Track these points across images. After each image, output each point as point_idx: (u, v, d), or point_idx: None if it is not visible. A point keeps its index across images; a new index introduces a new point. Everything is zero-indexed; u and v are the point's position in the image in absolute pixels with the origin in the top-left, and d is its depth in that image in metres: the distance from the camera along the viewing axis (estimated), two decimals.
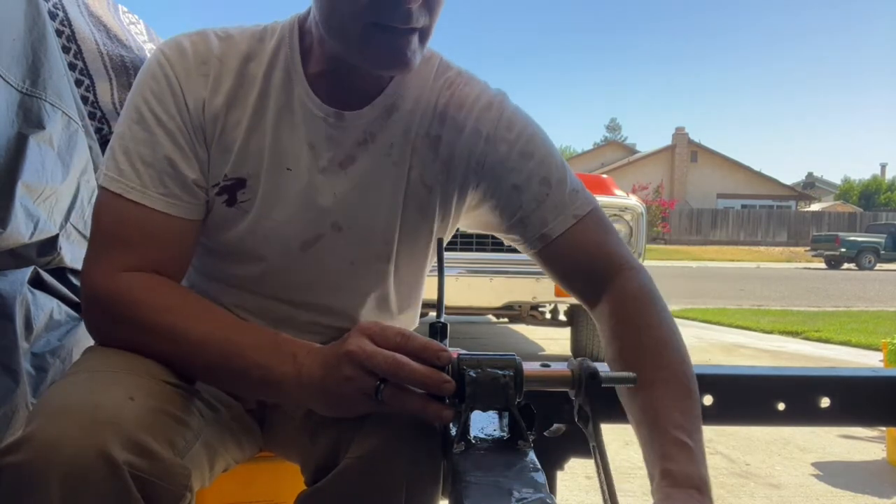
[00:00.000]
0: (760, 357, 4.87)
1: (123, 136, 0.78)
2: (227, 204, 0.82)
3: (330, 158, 0.83)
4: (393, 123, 0.84)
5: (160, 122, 0.78)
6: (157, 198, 0.77)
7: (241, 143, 0.81)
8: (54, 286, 1.04)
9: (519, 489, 0.54)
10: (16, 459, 0.57)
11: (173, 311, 0.73)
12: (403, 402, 0.63)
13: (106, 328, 0.76)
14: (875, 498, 2.17)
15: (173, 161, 0.78)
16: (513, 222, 0.87)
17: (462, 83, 0.88)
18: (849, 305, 9.17)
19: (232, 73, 0.81)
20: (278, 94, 0.82)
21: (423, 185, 0.86)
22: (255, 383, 0.71)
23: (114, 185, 0.77)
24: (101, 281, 0.75)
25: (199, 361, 0.72)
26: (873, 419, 0.86)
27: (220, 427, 0.78)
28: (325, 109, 0.82)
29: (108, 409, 0.61)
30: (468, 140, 0.86)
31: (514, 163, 0.85)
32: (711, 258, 24.78)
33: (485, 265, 3.58)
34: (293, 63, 0.83)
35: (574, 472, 2.29)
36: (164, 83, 0.79)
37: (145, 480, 0.59)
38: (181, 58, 0.80)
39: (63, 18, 1.26)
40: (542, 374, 0.65)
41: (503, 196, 0.86)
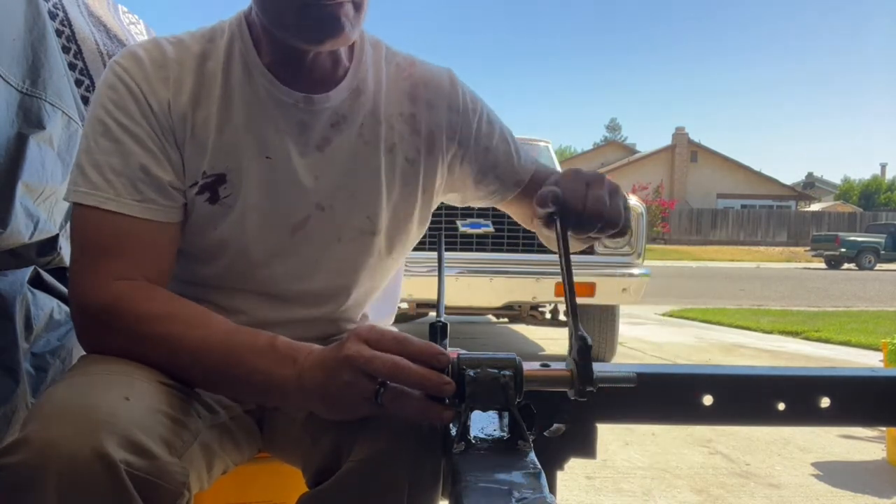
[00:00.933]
0: (760, 357, 4.87)
1: (90, 150, 0.78)
2: (210, 202, 0.83)
3: (306, 142, 0.86)
4: (360, 105, 0.89)
5: (126, 129, 0.78)
6: (133, 204, 0.77)
7: (215, 139, 0.82)
8: (54, 286, 1.04)
9: (519, 489, 0.54)
10: (12, 461, 0.57)
11: (167, 320, 0.72)
12: (403, 404, 0.63)
13: (99, 341, 0.75)
14: (875, 498, 2.17)
15: (145, 166, 0.78)
16: (491, 178, 1.01)
17: (410, 64, 0.96)
18: (849, 305, 9.17)
19: (191, 73, 0.83)
20: (242, 86, 0.84)
21: (406, 161, 0.92)
22: (256, 389, 0.70)
23: (88, 198, 0.76)
24: (89, 293, 0.74)
25: (197, 370, 0.72)
26: (873, 419, 0.86)
27: (219, 429, 0.78)
28: (294, 95, 0.85)
29: (104, 409, 0.61)
30: (441, 114, 0.94)
31: (483, 130, 0.99)
32: (711, 258, 24.78)
33: (485, 265, 3.58)
34: (248, 55, 0.85)
35: (574, 472, 2.29)
36: (124, 91, 0.79)
37: (142, 479, 0.59)
38: (138, 65, 0.81)
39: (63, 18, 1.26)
40: (542, 374, 0.65)
41: (478, 158, 0.99)
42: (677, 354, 4.89)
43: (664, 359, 4.72)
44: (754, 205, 37.31)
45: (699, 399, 0.79)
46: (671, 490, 2.19)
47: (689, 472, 2.37)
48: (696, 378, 0.79)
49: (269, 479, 0.96)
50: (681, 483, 2.25)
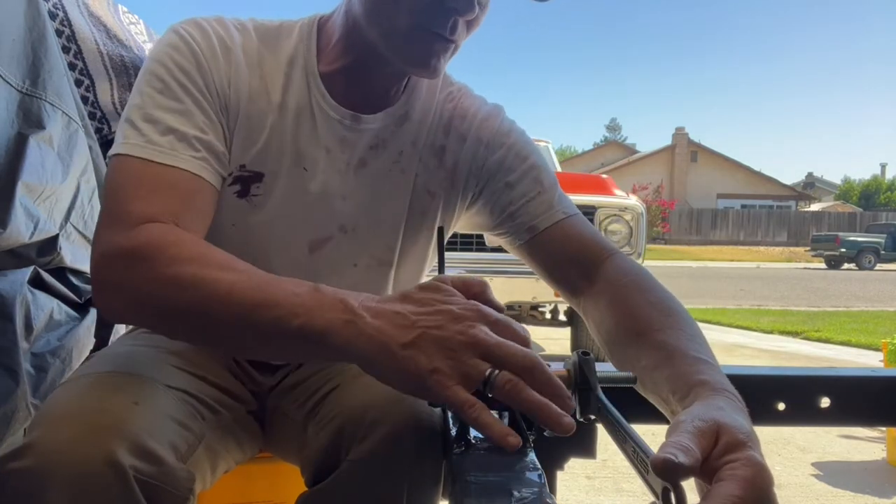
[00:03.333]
0: (760, 357, 4.87)
1: (144, 105, 0.74)
2: (239, 195, 0.81)
3: (345, 161, 0.84)
4: (403, 132, 0.87)
5: (188, 91, 0.75)
6: (187, 159, 0.73)
7: (266, 139, 0.81)
8: (54, 286, 1.04)
9: (519, 489, 0.54)
10: (20, 465, 0.56)
11: (199, 261, 0.63)
12: (520, 393, 0.53)
13: (119, 282, 0.65)
14: (875, 498, 2.17)
15: (204, 129, 0.76)
16: (503, 217, 0.89)
17: (462, 96, 0.93)
18: (849, 305, 9.17)
19: (254, 65, 0.82)
20: (300, 92, 0.83)
21: (427, 193, 0.89)
22: (295, 336, 0.58)
23: (138, 150, 0.71)
24: (115, 238, 0.66)
25: (228, 316, 0.61)
26: (873, 419, 0.86)
27: (222, 430, 0.78)
28: (342, 112, 0.83)
29: (113, 414, 0.60)
30: (470, 148, 0.90)
31: (509, 163, 0.90)
32: (711, 258, 24.78)
33: (485, 265, 3.58)
34: (310, 63, 0.83)
35: (574, 472, 2.29)
36: (188, 54, 0.77)
37: (150, 485, 0.59)
38: (204, 36, 0.79)
39: (63, 18, 1.26)
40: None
41: (496, 192, 0.90)
42: None
43: None
44: (754, 205, 37.31)
45: None
46: None
47: None
48: None
49: (269, 479, 0.96)
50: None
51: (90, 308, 1.13)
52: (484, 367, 0.53)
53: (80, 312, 1.10)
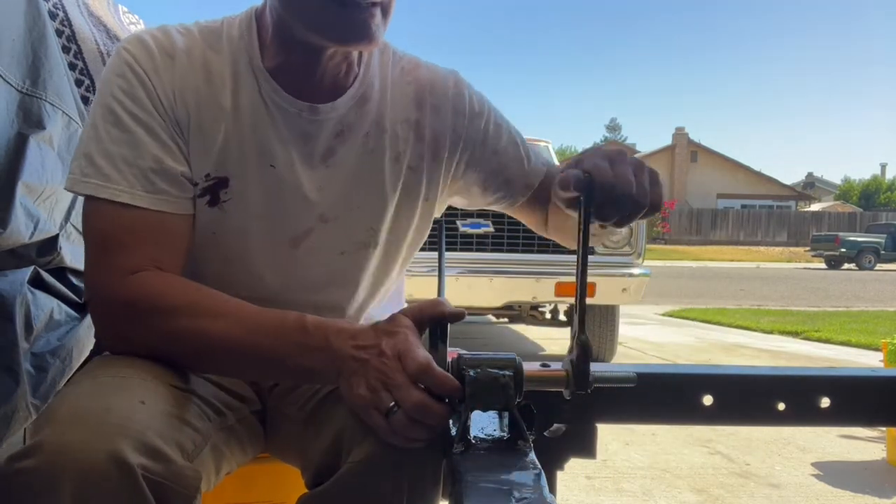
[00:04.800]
0: (760, 357, 4.87)
1: (100, 139, 0.76)
2: (210, 204, 0.81)
3: (310, 152, 0.84)
4: (366, 113, 0.86)
5: (137, 119, 0.76)
6: (146, 196, 0.76)
7: (222, 142, 0.80)
8: (54, 286, 1.04)
9: (519, 489, 0.54)
10: (27, 465, 0.56)
11: (191, 311, 0.71)
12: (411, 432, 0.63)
13: (121, 337, 0.74)
14: (875, 498, 2.17)
15: (158, 157, 0.77)
16: (499, 182, 0.98)
17: (417, 68, 0.93)
18: (849, 305, 9.17)
19: (200, 67, 0.81)
20: (250, 91, 0.82)
21: (408, 169, 0.89)
22: (289, 372, 0.71)
23: (101, 191, 0.74)
24: (107, 288, 0.73)
25: (225, 360, 0.71)
26: (873, 419, 0.86)
27: (227, 431, 0.78)
28: (298, 104, 0.82)
29: (120, 413, 0.60)
30: (448, 120, 0.92)
31: (490, 132, 0.96)
32: (711, 258, 24.78)
33: (485, 265, 3.58)
34: (255, 58, 0.82)
35: (574, 472, 2.29)
36: (132, 79, 0.77)
37: (158, 483, 0.59)
38: (146, 52, 0.79)
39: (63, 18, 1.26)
40: (541, 374, 0.65)
41: (485, 162, 0.96)
42: (677, 354, 4.89)
43: (664, 359, 4.72)
44: (754, 205, 37.31)
45: (699, 399, 0.79)
46: (671, 490, 2.19)
47: (689, 472, 2.37)
48: (696, 378, 0.79)
49: (269, 479, 0.96)
50: (681, 483, 2.25)
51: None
52: (388, 401, 0.63)
53: (80, 312, 1.10)
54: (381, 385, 0.63)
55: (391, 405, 0.62)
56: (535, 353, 4.75)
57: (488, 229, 3.57)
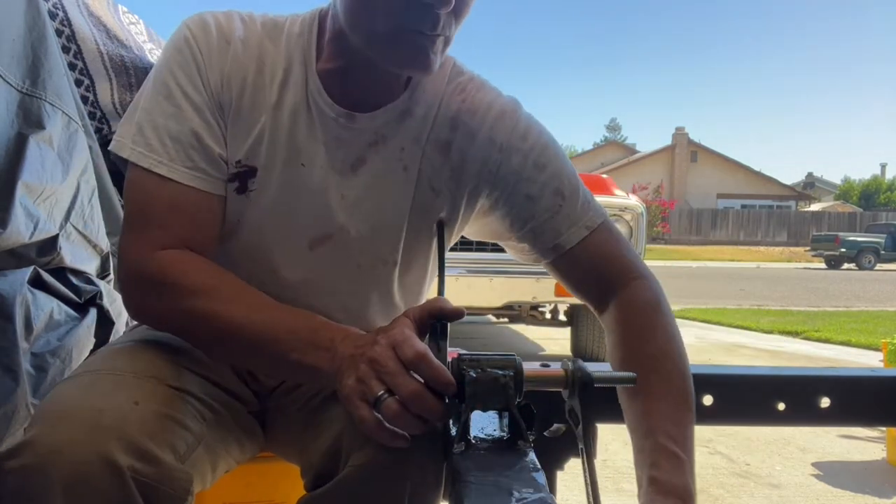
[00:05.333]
0: (760, 357, 4.87)
1: (152, 110, 0.79)
2: (238, 191, 0.82)
3: (342, 159, 0.83)
4: (405, 128, 0.84)
5: (187, 96, 0.79)
6: (183, 172, 0.78)
7: (258, 132, 0.81)
8: (54, 286, 1.04)
9: (519, 489, 0.54)
10: (18, 464, 0.56)
11: (210, 294, 0.73)
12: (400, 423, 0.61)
13: (143, 309, 0.77)
14: (875, 498, 2.17)
15: (199, 135, 0.79)
16: (524, 232, 0.87)
17: (474, 89, 0.88)
18: (849, 305, 9.17)
19: (253, 58, 0.82)
20: (297, 89, 0.82)
21: (430, 189, 0.86)
22: (293, 368, 0.71)
23: (143, 160, 0.77)
24: (137, 259, 0.76)
25: (234, 346, 0.73)
26: (873, 419, 0.86)
27: (223, 430, 0.78)
28: (337, 110, 0.82)
29: (112, 414, 0.61)
30: (481, 147, 0.86)
31: (528, 173, 0.85)
32: (711, 258, 24.78)
33: (485, 265, 3.58)
34: (309, 59, 0.83)
35: (574, 472, 2.28)
36: (189, 57, 0.80)
37: (148, 485, 0.59)
38: (205, 34, 0.81)
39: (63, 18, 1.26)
40: (540, 374, 0.65)
41: (515, 206, 0.86)
42: None
43: None
44: (754, 205, 37.30)
45: (699, 399, 0.79)
46: None
47: None
48: (696, 378, 0.79)
49: (269, 479, 0.96)
50: None
51: (90, 308, 1.13)
52: (378, 389, 0.62)
53: (80, 312, 1.10)
54: (371, 374, 0.62)
55: (380, 393, 0.61)
56: (535, 353, 4.75)
57: None
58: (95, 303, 1.14)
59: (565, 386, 0.64)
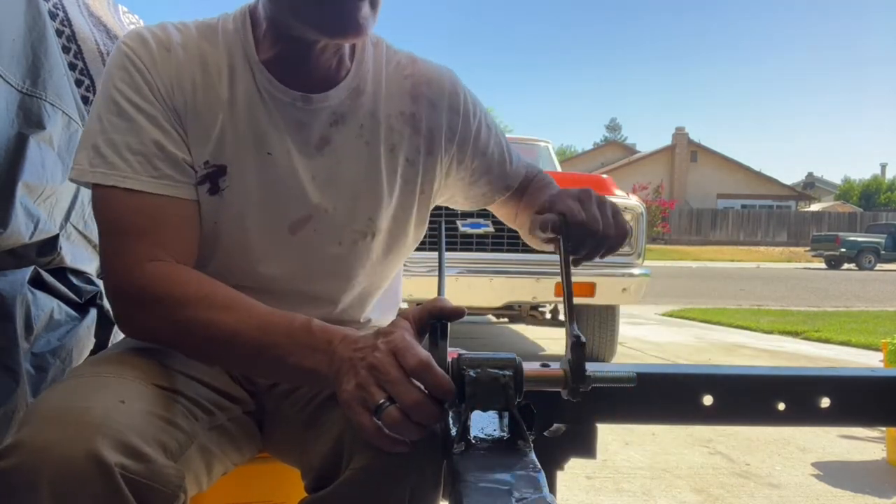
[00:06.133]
0: (760, 357, 4.87)
1: (104, 130, 0.78)
2: (210, 192, 0.82)
3: (305, 141, 0.85)
4: (361, 105, 0.88)
5: (138, 108, 0.79)
6: (150, 181, 0.78)
7: (219, 131, 0.82)
8: (54, 286, 1.04)
9: (519, 489, 0.54)
10: (6, 465, 0.57)
11: (202, 303, 0.72)
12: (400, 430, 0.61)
13: (135, 323, 0.76)
14: (875, 498, 2.17)
15: (159, 142, 0.79)
16: (481, 182, 1.02)
17: (414, 64, 0.95)
18: (849, 305, 9.17)
19: (195, 60, 0.83)
20: (246, 82, 0.84)
21: (405, 161, 0.91)
22: (290, 371, 0.70)
23: (107, 178, 0.77)
24: (122, 277, 0.75)
25: (231, 354, 0.72)
26: (873, 419, 0.86)
27: (217, 431, 0.78)
28: (291, 94, 0.84)
29: (98, 412, 0.61)
30: (444, 116, 0.94)
31: (481, 134, 0.99)
32: (711, 258, 24.78)
33: (485, 265, 3.58)
34: (249, 51, 0.84)
35: (574, 472, 2.29)
36: (133, 71, 0.80)
37: (137, 483, 0.59)
38: (144, 46, 0.81)
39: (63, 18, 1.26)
40: (540, 374, 0.65)
41: (474, 162, 0.99)
42: (677, 354, 4.89)
43: (664, 359, 4.72)
44: (754, 205, 37.29)
45: (699, 399, 0.79)
46: (671, 490, 2.19)
47: (689, 472, 2.37)
48: (696, 378, 0.79)
49: (269, 480, 0.96)
50: (681, 483, 2.25)
51: (90, 308, 1.13)
52: (379, 397, 0.61)
53: (80, 312, 1.10)
54: (372, 381, 0.62)
55: (381, 402, 0.61)
56: (535, 353, 4.75)
57: (488, 229, 3.57)
58: (95, 303, 1.14)
59: (564, 386, 0.64)
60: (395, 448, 0.63)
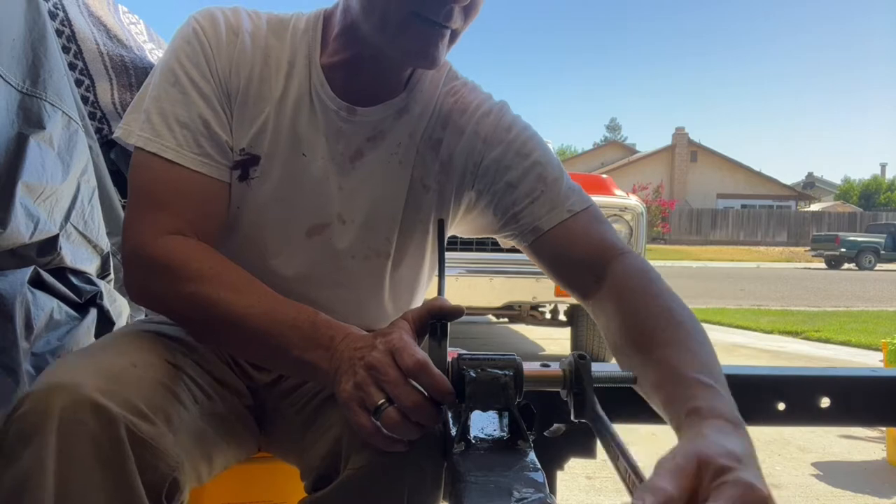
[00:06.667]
0: (760, 357, 4.87)
1: (159, 98, 0.80)
2: (240, 179, 0.84)
3: (341, 151, 0.86)
4: (402, 124, 0.87)
5: (195, 84, 0.81)
6: (191, 157, 0.79)
7: (262, 122, 0.84)
8: (54, 286, 1.04)
9: (519, 489, 0.54)
10: (20, 412, 0.59)
11: (213, 281, 0.73)
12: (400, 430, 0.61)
13: (145, 291, 0.77)
14: (875, 498, 2.16)
15: (207, 122, 0.80)
16: (506, 218, 0.87)
17: (465, 90, 0.92)
18: (849, 305, 9.16)
19: (259, 51, 0.84)
20: (301, 81, 0.85)
21: (422, 186, 0.89)
22: (291, 362, 0.70)
23: (150, 145, 0.78)
24: (141, 243, 0.76)
25: (236, 336, 0.72)
26: (873, 419, 0.86)
27: (216, 418, 0.78)
28: (338, 103, 0.85)
29: (109, 370, 0.63)
30: (467, 143, 0.89)
31: (509, 161, 0.86)
32: (711, 258, 24.77)
33: (485, 265, 3.58)
34: (313, 53, 0.86)
35: (574, 472, 2.29)
36: (197, 48, 0.82)
37: (141, 441, 0.60)
38: (213, 26, 0.83)
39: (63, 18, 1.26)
40: (540, 374, 0.65)
41: (497, 193, 0.87)
42: None
43: None
44: (754, 205, 37.28)
45: None
46: None
47: None
48: None
49: (269, 479, 0.96)
50: None
51: (90, 308, 1.13)
52: (378, 398, 0.61)
53: (80, 312, 1.09)
54: (370, 381, 0.62)
55: (380, 402, 0.61)
56: (535, 353, 4.74)
57: None
58: (96, 303, 1.14)
59: (564, 386, 0.64)
60: (394, 447, 0.63)
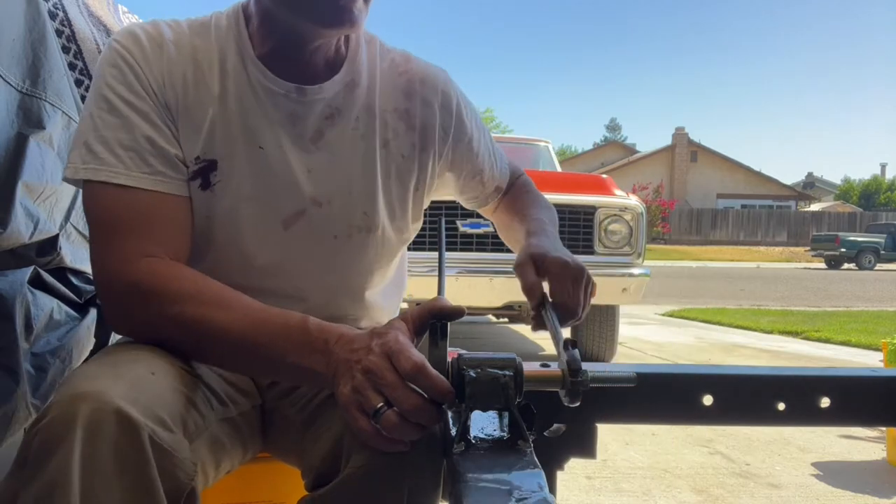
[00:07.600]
0: (760, 357, 4.87)
1: (97, 127, 0.78)
2: (202, 188, 0.82)
3: (299, 134, 0.85)
4: (355, 98, 0.89)
5: (130, 104, 0.79)
6: (143, 178, 0.77)
7: (209, 125, 0.82)
8: (54, 286, 1.04)
9: (519, 489, 0.54)
10: (44, 422, 0.58)
11: (198, 299, 0.71)
12: (399, 432, 0.61)
13: (127, 320, 0.75)
14: (875, 498, 2.16)
15: (151, 138, 0.79)
16: (473, 183, 1.05)
17: (406, 60, 0.96)
18: (849, 305, 9.16)
19: (187, 56, 0.83)
20: (237, 76, 0.84)
21: (400, 156, 0.92)
22: (287, 370, 0.69)
23: (99, 174, 0.76)
24: (115, 272, 0.74)
25: (225, 352, 0.71)
26: (873, 419, 0.86)
27: (229, 423, 0.78)
28: (286, 86, 0.84)
29: (130, 379, 0.62)
30: (437, 114, 0.95)
31: (473, 135, 1.01)
32: (711, 258, 24.76)
33: (485, 265, 3.58)
34: (243, 46, 0.85)
35: (574, 472, 2.29)
36: (124, 68, 0.80)
37: (162, 449, 0.60)
38: (136, 43, 0.81)
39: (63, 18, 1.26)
40: (540, 374, 0.65)
41: (465, 163, 1.01)
42: (677, 354, 4.89)
43: (664, 359, 4.71)
44: (754, 205, 37.27)
45: (699, 399, 0.79)
46: (671, 490, 2.19)
47: (689, 472, 2.37)
48: (696, 378, 0.79)
49: (269, 479, 0.96)
50: (681, 483, 2.25)
51: (90, 308, 1.13)
52: (376, 401, 0.61)
53: (80, 312, 1.10)
54: (368, 384, 0.62)
55: (379, 406, 0.61)
56: (535, 353, 4.74)
57: (488, 229, 3.56)
58: (95, 303, 1.14)
59: (563, 386, 0.64)
60: (394, 448, 0.63)
